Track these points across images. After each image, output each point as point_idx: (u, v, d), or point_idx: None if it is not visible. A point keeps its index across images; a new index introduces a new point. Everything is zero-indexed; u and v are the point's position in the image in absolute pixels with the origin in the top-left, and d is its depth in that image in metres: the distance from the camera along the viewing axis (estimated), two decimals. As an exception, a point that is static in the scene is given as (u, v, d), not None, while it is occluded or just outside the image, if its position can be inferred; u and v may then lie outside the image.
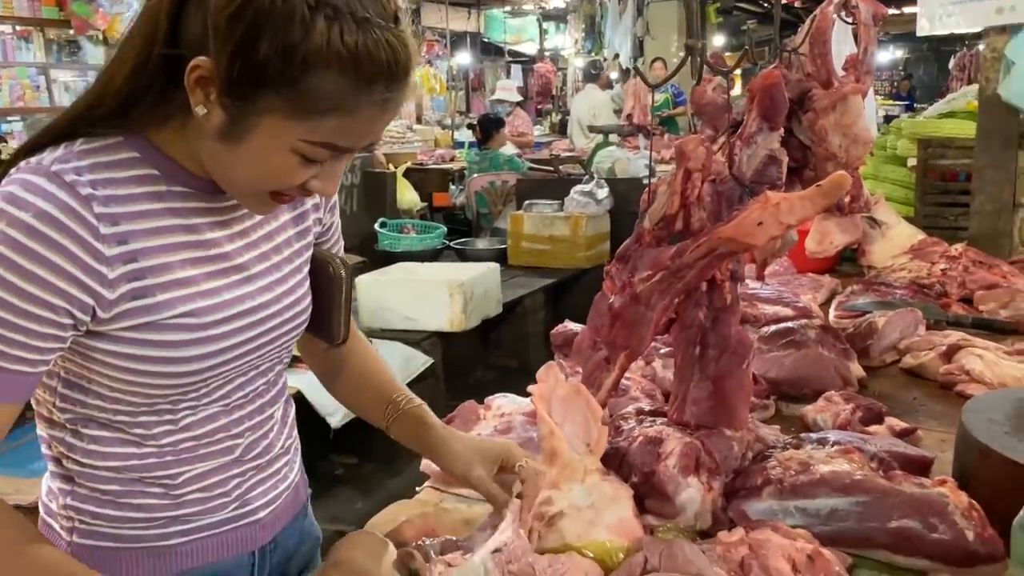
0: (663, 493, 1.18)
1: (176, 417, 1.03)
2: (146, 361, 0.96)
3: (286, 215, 1.11)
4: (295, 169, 0.91)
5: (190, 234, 0.99)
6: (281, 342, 1.10)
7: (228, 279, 1.02)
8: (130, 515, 1.05)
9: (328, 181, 0.94)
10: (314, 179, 0.93)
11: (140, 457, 1.03)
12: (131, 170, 0.95)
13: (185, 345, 0.97)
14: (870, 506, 1.12)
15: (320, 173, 0.93)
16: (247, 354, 1.05)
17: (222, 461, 1.08)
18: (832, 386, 1.64)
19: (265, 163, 0.90)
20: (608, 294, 1.35)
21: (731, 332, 1.26)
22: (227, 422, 1.08)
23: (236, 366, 1.05)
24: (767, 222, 1.13)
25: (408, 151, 8.99)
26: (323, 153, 0.90)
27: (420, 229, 5.83)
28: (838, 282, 2.51)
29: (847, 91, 1.65)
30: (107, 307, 0.92)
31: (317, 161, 0.91)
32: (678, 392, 1.31)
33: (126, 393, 0.99)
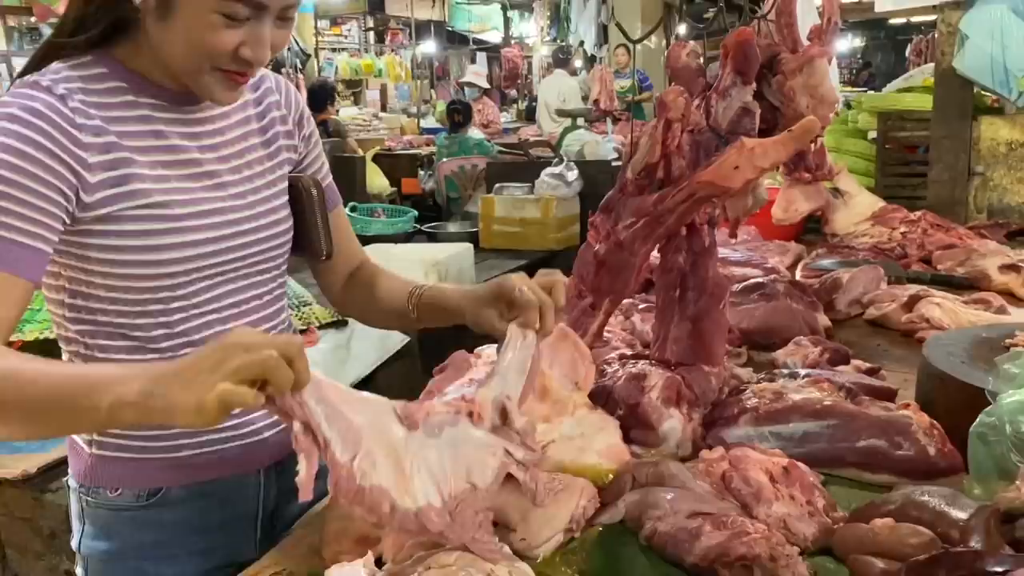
0: (647, 423, 1.26)
1: (171, 320, 1.12)
2: (128, 251, 1.06)
3: (255, 138, 1.21)
4: (222, 31, 1.01)
5: (160, 139, 1.10)
6: (263, 251, 1.19)
7: (200, 183, 1.12)
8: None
9: (257, 46, 1.03)
10: (243, 46, 1.02)
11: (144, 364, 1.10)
12: (102, 83, 1.08)
13: (161, 234, 1.07)
14: (839, 428, 1.21)
15: (247, 38, 1.02)
16: (225, 254, 1.14)
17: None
18: (800, 334, 1.73)
19: (195, 29, 1.01)
20: (593, 243, 1.42)
21: (709, 275, 1.35)
22: (222, 330, 1.15)
23: (217, 269, 1.14)
24: (743, 166, 1.21)
25: (375, 138, 9.00)
26: (240, 9, 1.00)
27: (391, 213, 5.86)
28: (803, 248, 2.61)
29: (813, 54, 1.73)
30: (89, 190, 1.03)
31: (239, 19, 1.01)
32: (659, 332, 1.39)
33: (119, 291, 1.08)
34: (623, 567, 1.01)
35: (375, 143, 8.18)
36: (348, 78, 10.63)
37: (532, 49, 13.16)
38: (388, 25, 12.62)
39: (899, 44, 17.69)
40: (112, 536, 1.21)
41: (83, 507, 1.22)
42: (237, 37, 1.02)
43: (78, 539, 1.24)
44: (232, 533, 1.24)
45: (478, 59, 13.55)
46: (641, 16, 10.44)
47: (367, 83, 11.77)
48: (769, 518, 1.03)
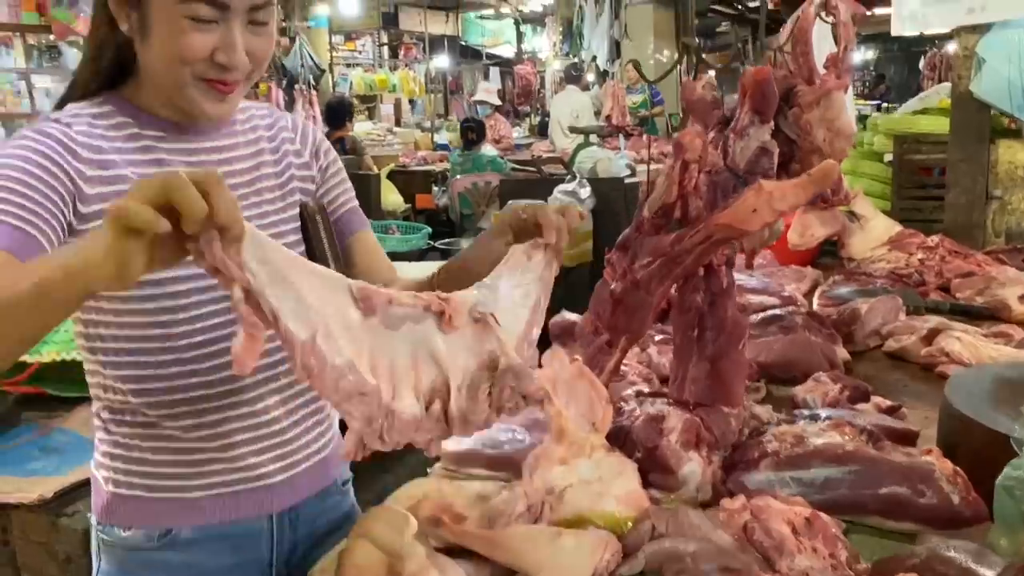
0: (666, 467, 1.25)
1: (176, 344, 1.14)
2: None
3: (268, 168, 1.24)
4: (192, 36, 1.04)
5: (163, 167, 1.13)
6: None
7: None
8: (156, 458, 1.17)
9: (229, 49, 1.06)
10: (217, 51, 1.06)
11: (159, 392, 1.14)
12: (110, 119, 1.13)
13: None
14: (861, 474, 1.19)
15: (219, 44, 1.06)
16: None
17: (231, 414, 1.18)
18: (819, 369, 1.71)
19: (168, 37, 1.05)
20: (609, 281, 1.41)
21: (727, 314, 1.33)
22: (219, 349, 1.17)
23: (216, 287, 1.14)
24: (761, 209, 1.20)
25: (389, 153, 9.03)
26: (204, 9, 1.03)
27: (405, 230, 5.88)
28: (820, 273, 2.59)
29: (830, 87, 1.72)
30: (86, 201, 1.07)
31: (206, 21, 1.04)
32: (677, 372, 1.37)
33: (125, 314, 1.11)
34: (643, 621, 1.00)
35: (389, 159, 8.22)
36: (362, 93, 10.69)
37: (544, 64, 13.20)
38: (402, 40, 12.69)
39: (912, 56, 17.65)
40: (126, 575, 1.22)
41: (100, 544, 1.23)
42: (209, 41, 1.06)
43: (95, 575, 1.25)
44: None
45: (491, 74, 13.60)
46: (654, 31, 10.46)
47: (381, 98, 11.83)
48: (791, 572, 1.01)
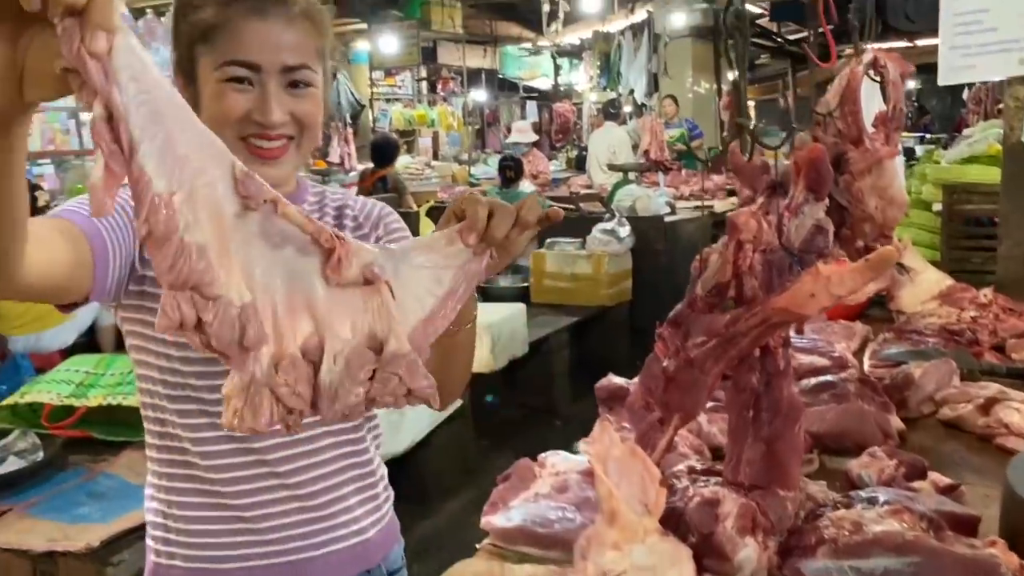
0: (721, 554, 1.23)
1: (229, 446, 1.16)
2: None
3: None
4: (230, 96, 1.11)
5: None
6: None
7: None
8: (189, 528, 1.19)
9: (264, 109, 1.12)
10: (254, 111, 1.12)
11: (192, 467, 1.17)
12: None
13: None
14: (923, 567, 1.17)
15: (255, 103, 1.12)
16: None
17: (263, 484, 1.20)
18: (873, 439, 1.69)
19: (211, 102, 1.11)
20: (661, 357, 1.41)
21: (783, 396, 1.32)
22: (269, 445, 1.19)
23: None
24: (819, 294, 1.19)
25: (428, 188, 9.11)
26: (239, 71, 1.10)
27: (443, 268, 5.90)
28: (869, 329, 2.55)
29: (882, 155, 1.72)
30: (143, 265, 1.11)
31: (243, 82, 1.11)
32: (732, 453, 1.36)
33: (168, 370, 1.15)
34: None
35: (428, 194, 8.29)
36: (402, 128, 10.83)
37: (581, 97, 13.27)
38: (440, 74, 12.84)
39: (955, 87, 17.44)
40: None
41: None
42: (246, 101, 1.12)
43: None
44: None
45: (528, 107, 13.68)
46: (692, 65, 10.49)
47: (420, 131, 11.97)
48: (855, 675, 0.99)
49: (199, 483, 1.18)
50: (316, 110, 1.16)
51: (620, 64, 9.79)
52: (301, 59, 1.14)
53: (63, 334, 4.88)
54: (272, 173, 1.14)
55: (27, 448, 2.82)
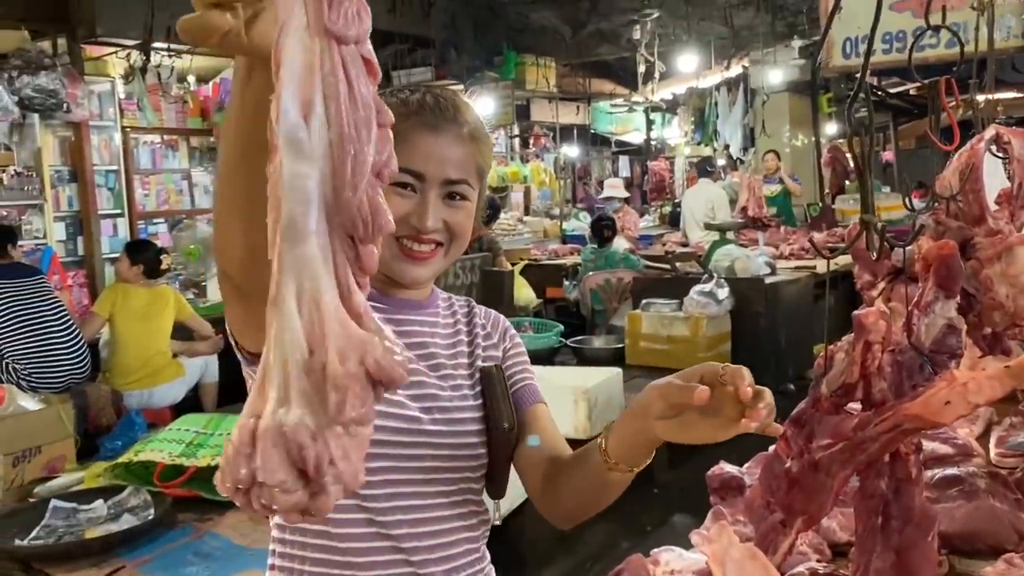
0: (852, 671, 1.18)
1: (362, 517, 1.17)
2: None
3: (463, 347, 1.31)
4: (394, 200, 1.13)
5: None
6: (441, 453, 1.22)
7: (407, 391, 1.19)
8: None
9: (422, 214, 1.17)
10: (411, 215, 1.17)
11: (321, 536, 1.17)
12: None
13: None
14: None
15: (414, 208, 1.17)
16: (414, 472, 1.19)
17: (388, 557, 1.19)
18: (1007, 540, 1.59)
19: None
20: (783, 456, 1.37)
21: (915, 504, 1.26)
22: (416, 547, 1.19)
23: (405, 477, 1.19)
24: (955, 401, 1.14)
25: (520, 244, 9.20)
26: (406, 177, 1.15)
27: (537, 327, 5.93)
28: (993, 410, 2.42)
29: (1013, 242, 1.65)
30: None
31: (406, 187, 1.16)
32: (859, 562, 1.30)
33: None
34: None
35: (520, 252, 8.36)
36: (495, 185, 10.99)
37: (674, 151, 13.22)
38: (532, 131, 13.01)
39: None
40: None
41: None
42: (407, 206, 1.16)
43: None
44: None
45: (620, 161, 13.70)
46: (789, 119, 10.36)
47: (512, 187, 12.12)
48: None
49: (327, 553, 1.19)
50: (468, 222, 1.24)
51: (715, 119, 9.74)
52: (462, 174, 1.21)
53: (174, 390, 5.09)
54: (421, 273, 1.22)
55: (139, 505, 2.93)
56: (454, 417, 1.25)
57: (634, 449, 1.15)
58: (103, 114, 7.15)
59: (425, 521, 1.22)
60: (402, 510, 1.19)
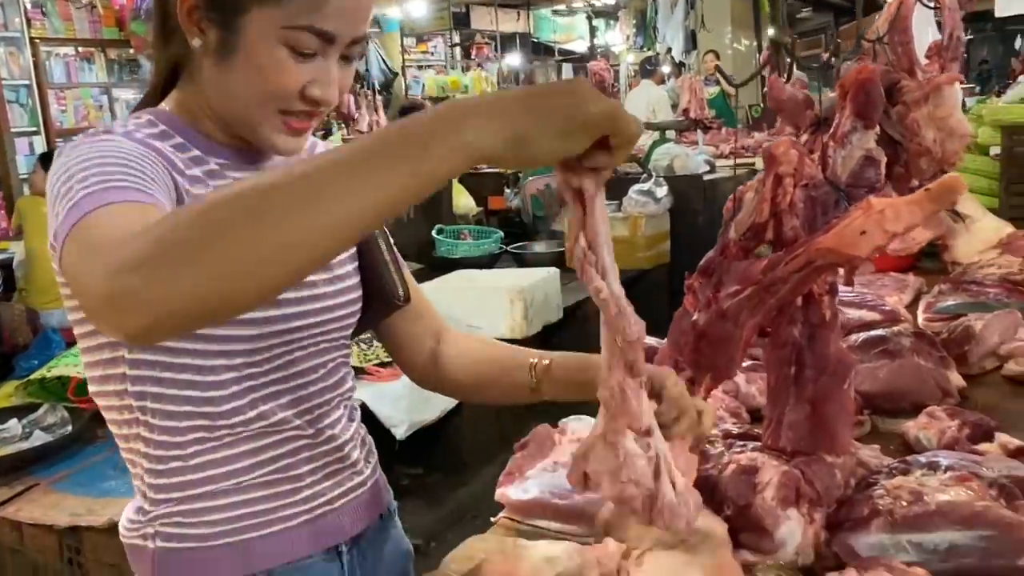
0: (760, 527, 1.10)
1: (241, 389, 1.02)
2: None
3: None
4: (289, 67, 0.94)
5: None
6: (334, 315, 1.10)
7: None
8: (204, 506, 1.04)
9: (326, 85, 0.96)
10: (311, 84, 0.95)
11: (210, 441, 1.03)
12: (168, 140, 1.00)
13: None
14: (996, 541, 1.02)
15: (316, 75, 0.95)
16: (300, 329, 1.05)
17: (290, 446, 1.08)
18: (931, 398, 1.53)
19: (260, 65, 0.94)
20: (690, 310, 1.26)
21: (830, 351, 1.17)
22: (291, 400, 1.07)
23: (293, 338, 1.05)
24: (871, 231, 1.03)
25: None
26: (310, 40, 0.93)
27: (477, 235, 5.78)
28: (923, 281, 2.37)
29: (941, 81, 1.54)
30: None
31: (307, 55, 0.94)
32: (772, 416, 1.22)
33: (191, 354, 0.99)
34: None
35: (462, 161, 8.13)
36: (435, 95, 10.66)
37: (618, 58, 12.94)
38: (473, 40, 12.62)
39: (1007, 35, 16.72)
40: None
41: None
42: (305, 74, 0.95)
43: None
44: None
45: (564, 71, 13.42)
46: (731, 20, 10.16)
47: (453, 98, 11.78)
48: (917, 669, 0.85)
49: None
50: (350, 81, 1.04)
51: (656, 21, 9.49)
52: (367, 26, 1.01)
53: (95, 309, 4.88)
54: (298, 145, 1.02)
55: (56, 423, 2.79)
56: (336, 274, 1.12)
57: (568, 395, 1.15)
58: (7, 23, 6.70)
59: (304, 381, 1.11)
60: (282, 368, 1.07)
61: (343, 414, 1.16)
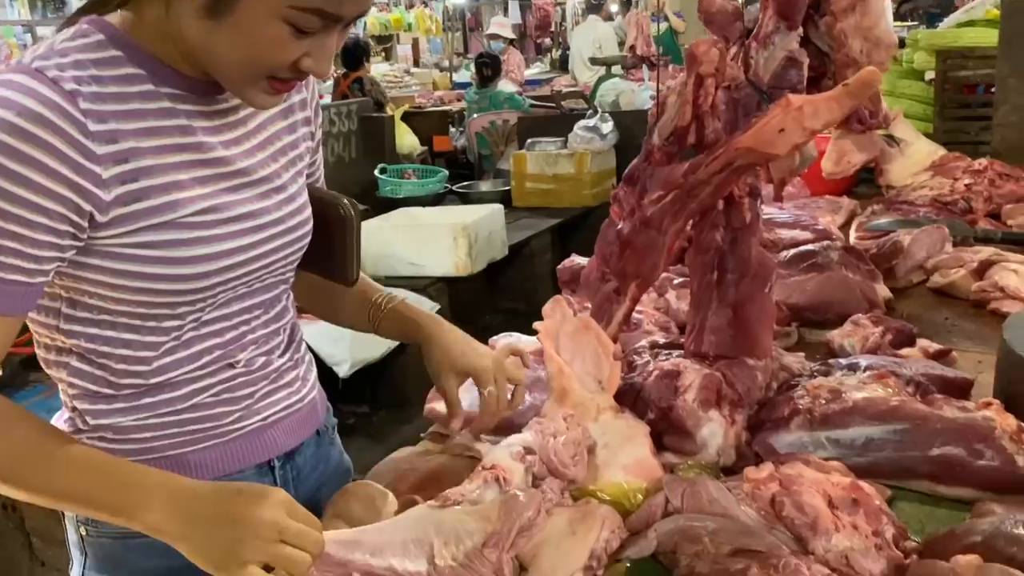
0: (682, 429, 1.10)
1: (182, 332, 1.00)
2: (148, 276, 0.93)
3: (279, 123, 1.07)
4: (286, 42, 0.87)
5: (185, 136, 0.95)
6: (284, 253, 1.06)
7: (227, 183, 0.98)
8: (135, 425, 1.02)
9: (321, 59, 0.91)
10: (306, 57, 0.89)
11: (147, 375, 1.00)
12: (117, 69, 0.91)
13: (184, 245, 0.93)
14: (909, 434, 1.04)
15: (312, 49, 0.89)
16: (250, 262, 1.01)
17: (227, 374, 1.06)
18: (858, 309, 1.55)
19: (256, 36, 0.86)
20: (616, 220, 1.25)
21: (751, 254, 1.17)
22: (231, 337, 1.04)
23: (241, 275, 1.01)
24: (789, 128, 1.02)
25: (407, 95, 8.80)
26: (313, 21, 0.86)
27: (421, 174, 5.70)
28: (856, 203, 2.39)
29: (868, -10, 1.52)
30: (104, 209, 0.89)
31: (307, 33, 0.87)
32: (695, 321, 1.22)
33: (131, 304, 0.95)
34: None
35: (407, 101, 8.00)
36: (378, 34, 10.40)
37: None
38: (417, -24, 12.32)
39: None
40: (120, 566, 1.09)
41: (82, 537, 1.10)
42: (301, 49, 0.88)
43: (80, 571, 1.11)
44: None
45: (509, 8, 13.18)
46: (677, -44, 10.03)
47: (398, 38, 11.52)
48: (828, 553, 0.87)
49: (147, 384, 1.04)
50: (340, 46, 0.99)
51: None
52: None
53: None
54: (275, 102, 0.97)
55: (-14, 369, 2.72)
56: (294, 202, 1.07)
57: (404, 338, 1.23)
58: (-80, -43, 6.35)
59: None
60: (224, 306, 1.03)
61: (281, 339, 1.13)
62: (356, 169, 5.58)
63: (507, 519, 0.88)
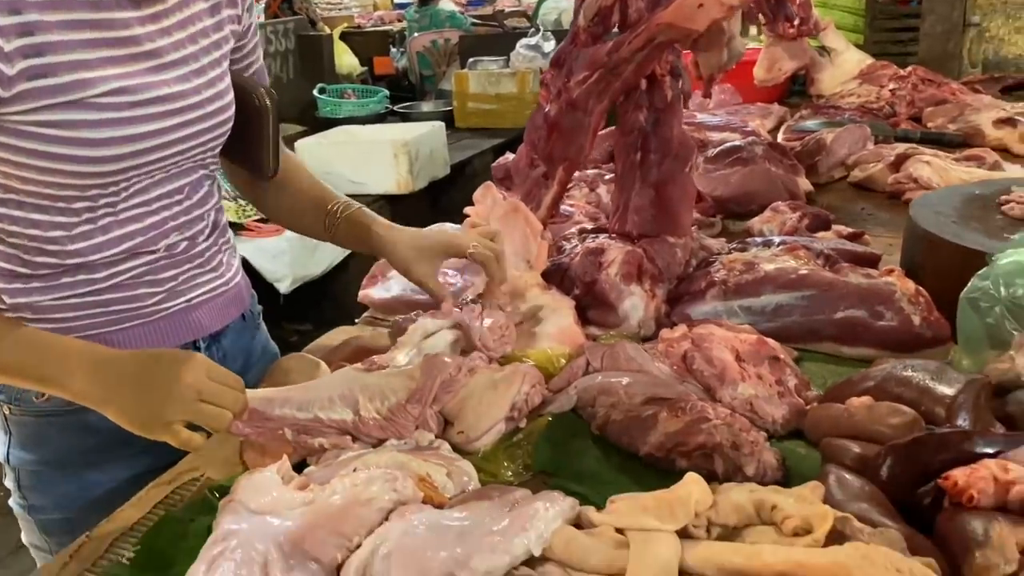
0: (605, 302, 1.15)
1: (95, 215, 0.99)
2: (54, 156, 0.92)
3: (200, 3, 1.05)
4: None
5: (97, 12, 0.92)
6: (204, 139, 1.05)
7: (141, 64, 0.96)
8: (56, 306, 1.03)
9: None
10: None
11: (62, 256, 1.00)
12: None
13: (94, 126, 0.92)
14: (815, 299, 1.10)
15: None
16: (166, 147, 1.00)
17: (149, 258, 1.06)
18: (779, 199, 1.60)
19: None
20: (544, 104, 1.27)
21: (673, 134, 1.20)
22: (152, 223, 1.04)
23: (156, 159, 1.00)
24: (708, 3, 1.05)
25: (346, 15, 8.57)
26: None
27: (361, 94, 5.61)
28: (787, 110, 2.45)
29: None
30: (7, 84, 0.87)
31: None
32: (619, 202, 1.25)
33: (40, 184, 0.94)
34: (573, 460, 0.91)
35: (345, 20, 7.80)
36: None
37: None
38: None
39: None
40: (41, 444, 1.11)
41: (6, 416, 1.12)
42: None
43: (5, 450, 1.14)
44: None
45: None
46: None
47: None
48: (734, 400, 0.93)
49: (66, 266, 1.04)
50: None
51: None
52: None
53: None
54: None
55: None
56: (214, 87, 1.06)
57: (362, 246, 1.19)
58: None
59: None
60: (142, 192, 1.03)
61: (205, 224, 1.13)
62: (295, 89, 5.45)
63: (429, 376, 0.92)
